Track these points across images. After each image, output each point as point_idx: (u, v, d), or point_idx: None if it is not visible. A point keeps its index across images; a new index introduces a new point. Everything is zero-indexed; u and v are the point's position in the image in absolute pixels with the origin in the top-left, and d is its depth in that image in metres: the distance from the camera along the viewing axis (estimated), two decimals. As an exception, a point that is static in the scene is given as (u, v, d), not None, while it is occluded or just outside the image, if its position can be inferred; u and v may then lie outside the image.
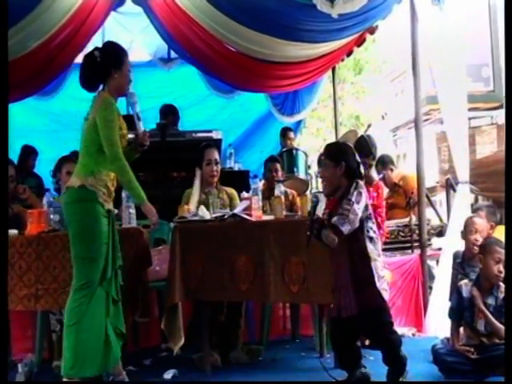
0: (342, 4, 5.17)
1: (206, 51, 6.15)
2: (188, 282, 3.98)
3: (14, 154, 5.54)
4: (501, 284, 3.76)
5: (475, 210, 5.00)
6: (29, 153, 6.67)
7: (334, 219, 3.38)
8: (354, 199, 3.41)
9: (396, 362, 3.43)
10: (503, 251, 3.75)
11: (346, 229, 3.35)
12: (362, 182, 3.54)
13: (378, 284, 3.38)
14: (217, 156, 4.77)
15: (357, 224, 3.40)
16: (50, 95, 7.13)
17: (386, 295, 3.44)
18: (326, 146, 3.90)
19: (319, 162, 6.25)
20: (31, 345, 4.46)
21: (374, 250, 3.46)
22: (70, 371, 3.52)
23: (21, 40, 5.51)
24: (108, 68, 3.77)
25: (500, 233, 4.95)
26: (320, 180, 4.02)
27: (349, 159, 3.57)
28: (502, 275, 3.71)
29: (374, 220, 3.60)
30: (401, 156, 17.83)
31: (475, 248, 4.23)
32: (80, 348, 3.51)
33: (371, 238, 3.47)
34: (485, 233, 4.33)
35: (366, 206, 3.50)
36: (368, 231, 3.47)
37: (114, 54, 3.83)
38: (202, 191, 4.71)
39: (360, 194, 3.45)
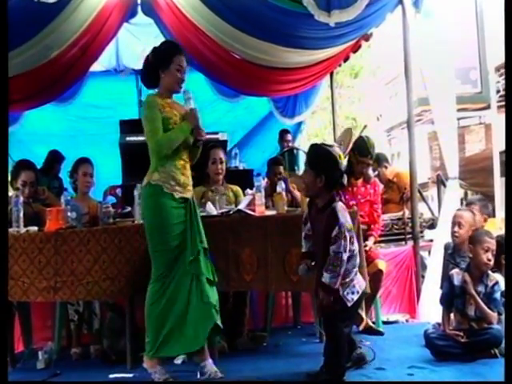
0: (338, 14, 5.13)
1: (212, 58, 6.15)
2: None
3: (34, 158, 5.52)
4: (490, 272, 3.74)
5: (468, 203, 4.94)
6: (56, 158, 6.66)
7: (325, 278, 3.21)
8: (341, 250, 3.20)
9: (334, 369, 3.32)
10: (493, 241, 3.73)
11: (337, 283, 3.23)
12: (340, 213, 3.25)
13: (341, 291, 3.27)
14: (222, 155, 4.75)
15: (345, 266, 3.24)
16: (67, 102, 7.14)
17: (353, 298, 3.30)
18: (310, 148, 3.53)
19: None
20: (51, 334, 4.44)
21: (350, 265, 3.30)
22: (150, 352, 3.55)
23: (40, 50, 5.51)
24: (156, 69, 3.73)
25: (492, 225, 4.94)
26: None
27: (330, 171, 3.31)
28: (491, 263, 3.70)
29: (354, 234, 3.37)
30: (395, 154, 17.77)
31: (455, 239, 4.25)
32: (158, 330, 3.53)
33: (351, 256, 3.29)
34: (476, 225, 4.29)
35: (350, 230, 3.29)
36: (350, 250, 3.28)
37: (161, 55, 3.76)
38: (209, 189, 4.69)
39: (345, 238, 3.20)
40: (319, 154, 3.40)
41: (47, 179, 5.98)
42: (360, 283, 3.39)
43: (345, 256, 3.21)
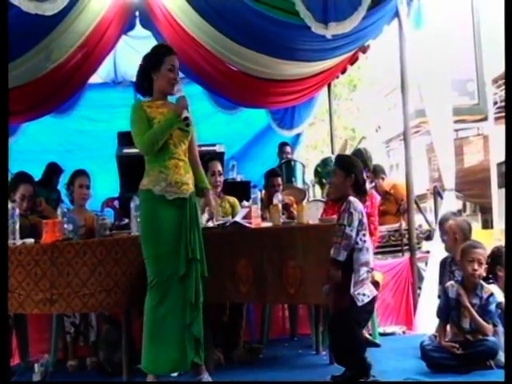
0: (335, 26, 5.17)
1: (209, 71, 6.18)
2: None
3: (32, 170, 5.55)
4: (484, 284, 3.75)
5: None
6: (54, 170, 6.69)
7: (331, 252, 3.42)
8: (345, 222, 3.42)
9: (356, 365, 3.41)
10: (478, 251, 3.76)
11: (342, 256, 3.39)
12: (353, 201, 3.49)
13: (351, 290, 3.38)
14: (220, 168, 4.78)
15: (352, 242, 3.41)
16: (66, 113, 7.15)
17: (365, 299, 3.41)
18: (339, 156, 3.98)
19: (316, 173, 6.28)
20: (47, 346, 4.44)
21: (360, 259, 3.44)
22: (148, 367, 3.52)
23: (38, 62, 5.54)
24: (149, 73, 3.71)
25: (489, 236, 4.95)
26: (328, 186, 4.05)
27: (358, 173, 3.60)
28: (477, 273, 3.71)
29: (365, 230, 3.54)
30: (394, 166, 17.83)
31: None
32: (154, 345, 3.49)
33: (360, 249, 3.45)
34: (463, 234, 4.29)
35: (360, 221, 3.48)
36: (357, 243, 3.45)
37: (152, 57, 3.75)
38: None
39: (351, 214, 3.43)
40: (349, 158, 3.87)
41: (46, 191, 5.99)
42: (372, 289, 3.47)
43: (348, 230, 3.39)
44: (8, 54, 5.09)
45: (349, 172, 3.57)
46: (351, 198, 3.50)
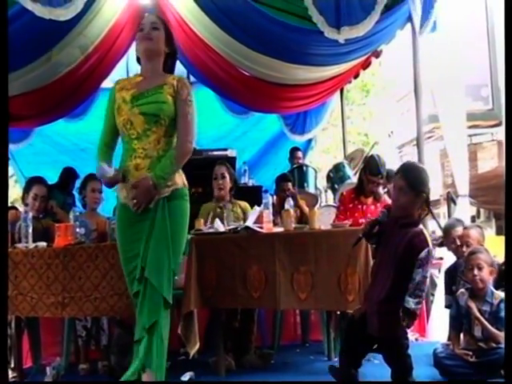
0: (347, 30, 5.17)
1: (221, 75, 6.23)
2: (204, 291, 3.98)
3: (44, 172, 5.60)
4: (494, 290, 3.73)
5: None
6: (70, 175, 6.75)
7: (411, 304, 2.97)
8: (428, 275, 3.04)
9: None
10: (476, 256, 3.73)
11: (419, 308, 3.05)
12: (432, 249, 3.07)
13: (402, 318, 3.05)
14: (224, 171, 4.79)
15: None
16: (78, 118, 7.21)
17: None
18: (408, 167, 3.35)
19: (328, 178, 6.27)
20: (59, 349, 4.46)
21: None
22: None
23: (52, 67, 5.60)
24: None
25: (500, 242, 4.91)
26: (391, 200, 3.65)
27: (427, 190, 3.14)
28: (478, 278, 3.68)
29: None
30: (407, 171, 17.77)
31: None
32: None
33: None
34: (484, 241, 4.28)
35: None
36: None
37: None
38: (217, 205, 4.74)
39: (431, 264, 3.07)
40: (419, 173, 3.23)
41: (62, 196, 6.04)
42: None
43: (427, 280, 3.06)
44: (20, 59, 5.28)
45: (420, 191, 3.10)
46: (425, 231, 3.11)
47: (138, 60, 3.32)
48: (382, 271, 3.15)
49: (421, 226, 3.13)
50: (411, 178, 3.13)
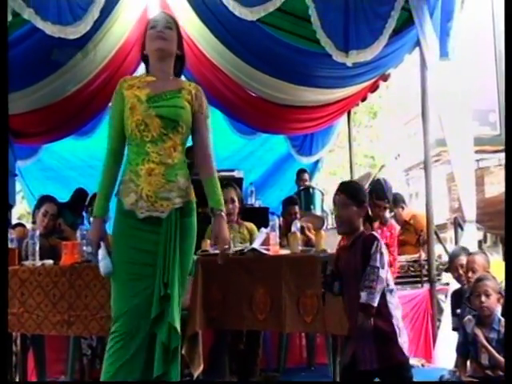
0: (355, 54, 5.23)
1: (229, 96, 6.29)
2: (209, 312, 4.01)
3: (53, 190, 5.68)
4: (501, 318, 3.74)
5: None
6: (82, 196, 6.79)
7: (363, 297, 2.94)
8: (378, 264, 2.99)
9: None
10: (484, 283, 3.74)
11: (376, 301, 2.95)
12: (379, 238, 3.13)
13: (399, 339, 2.99)
14: (233, 195, 4.80)
15: (384, 284, 3.01)
16: (87, 135, 7.27)
17: (406, 348, 3.04)
18: (345, 183, 3.46)
19: (335, 201, 6.30)
20: (64, 367, 4.47)
21: (393, 302, 3.07)
22: None
23: (61, 85, 5.68)
24: (143, 42, 3.13)
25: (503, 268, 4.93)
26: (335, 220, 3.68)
27: (367, 201, 3.26)
28: (485, 305, 3.69)
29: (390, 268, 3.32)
30: (413, 194, 17.82)
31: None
32: None
33: (391, 291, 3.09)
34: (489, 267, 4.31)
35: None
36: (388, 284, 3.06)
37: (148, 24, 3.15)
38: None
39: (382, 254, 3.03)
40: (358, 186, 3.44)
41: (72, 216, 6.10)
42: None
43: (381, 272, 2.98)
44: (30, 77, 5.37)
45: (360, 202, 3.19)
46: (376, 235, 3.16)
47: (145, 59, 3.13)
48: (355, 299, 3.05)
49: (366, 232, 3.18)
50: (350, 191, 3.23)
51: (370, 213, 3.26)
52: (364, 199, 3.22)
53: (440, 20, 5.36)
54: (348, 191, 3.24)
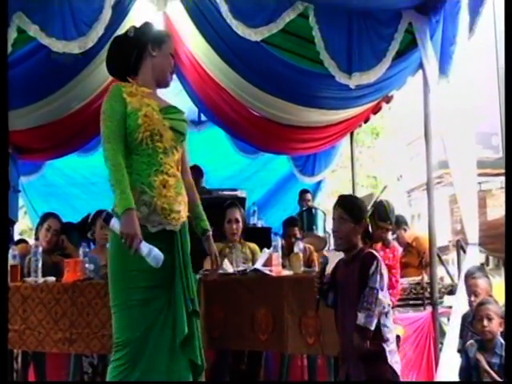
0: (358, 76, 5.27)
1: (232, 115, 6.34)
2: (211, 331, 4.03)
3: (55, 206, 5.71)
4: (503, 342, 3.75)
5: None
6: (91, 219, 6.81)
7: (360, 319, 2.90)
8: (377, 286, 2.94)
9: None
10: (486, 307, 3.77)
11: (373, 324, 2.91)
12: (379, 258, 3.06)
13: (389, 359, 2.96)
14: (238, 215, 4.86)
15: (382, 307, 2.96)
16: (90, 152, 7.31)
17: (398, 368, 3.02)
18: (344, 197, 3.37)
19: (333, 215, 6.32)
20: (65, 385, 4.51)
21: (388, 325, 3.01)
22: None
23: (66, 102, 5.74)
24: (143, 45, 2.98)
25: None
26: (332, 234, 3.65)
27: (366, 218, 3.19)
28: (487, 329, 3.72)
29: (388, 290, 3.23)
30: (415, 216, 17.84)
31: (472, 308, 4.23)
32: None
33: (387, 313, 3.03)
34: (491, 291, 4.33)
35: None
36: (384, 307, 3.00)
37: (151, 31, 3.06)
38: (226, 245, 4.81)
39: (382, 276, 2.97)
40: (356, 201, 3.34)
41: (78, 238, 6.13)
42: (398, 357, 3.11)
43: (380, 295, 2.93)
44: (35, 93, 5.42)
45: (359, 218, 3.12)
46: (376, 255, 3.08)
47: (135, 66, 3.03)
48: (348, 318, 3.06)
49: (366, 250, 3.13)
50: (349, 206, 3.18)
51: (369, 229, 3.20)
52: (362, 215, 3.16)
53: (442, 43, 5.41)
54: (345, 206, 3.18)
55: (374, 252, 3.16)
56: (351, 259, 3.15)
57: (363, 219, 3.15)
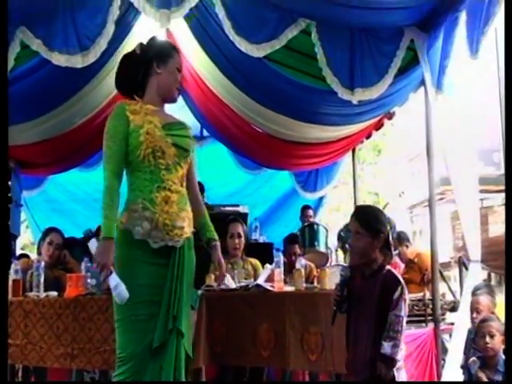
0: (361, 92, 5.30)
1: (234, 131, 6.38)
2: (213, 347, 4.03)
3: (56, 221, 5.72)
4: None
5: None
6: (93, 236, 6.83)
7: (386, 348, 2.81)
8: (402, 314, 2.86)
9: None
10: (488, 324, 3.80)
11: (399, 353, 2.86)
12: (404, 284, 2.96)
13: (397, 377, 2.91)
14: (240, 230, 4.89)
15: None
16: (92, 168, 7.34)
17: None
18: (360, 209, 3.33)
19: (339, 238, 6.35)
20: (65, 400, 4.51)
21: (398, 351, 2.91)
22: None
23: (68, 117, 5.78)
24: (149, 62, 3.03)
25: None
26: (348, 248, 3.49)
27: (386, 230, 3.01)
28: (489, 346, 3.74)
29: None
30: (417, 232, 17.86)
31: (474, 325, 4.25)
32: None
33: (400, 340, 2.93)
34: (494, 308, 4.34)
35: None
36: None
37: (157, 47, 3.09)
38: (228, 261, 4.82)
39: (405, 302, 2.89)
40: (373, 213, 3.14)
41: (82, 254, 6.15)
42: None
43: (405, 322, 2.86)
44: (38, 109, 5.46)
45: (376, 232, 2.98)
46: (400, 279, 2.97)
47: (142, 83, 3.08)
48: (361, 331, 3.01)
49: (388, 268, 3.04)
50: (365, 219, 3.03)
51: (390, 241, 3.04)
52: (380, 228, 2.99)
53: (440, 57, 5.46)
54: (361, 220, 3.04)
55: (397, 274, 3.05)
56: (370, 274, 3.04)
57: (381, 233, 3.00)
